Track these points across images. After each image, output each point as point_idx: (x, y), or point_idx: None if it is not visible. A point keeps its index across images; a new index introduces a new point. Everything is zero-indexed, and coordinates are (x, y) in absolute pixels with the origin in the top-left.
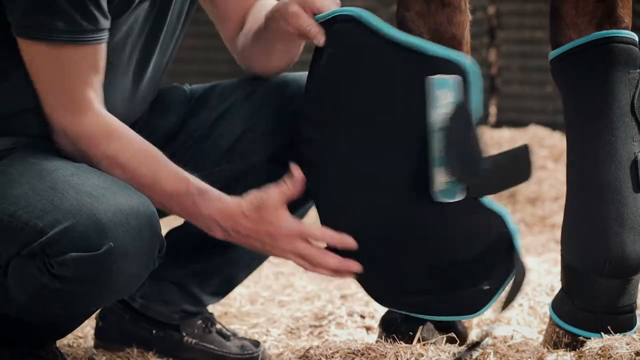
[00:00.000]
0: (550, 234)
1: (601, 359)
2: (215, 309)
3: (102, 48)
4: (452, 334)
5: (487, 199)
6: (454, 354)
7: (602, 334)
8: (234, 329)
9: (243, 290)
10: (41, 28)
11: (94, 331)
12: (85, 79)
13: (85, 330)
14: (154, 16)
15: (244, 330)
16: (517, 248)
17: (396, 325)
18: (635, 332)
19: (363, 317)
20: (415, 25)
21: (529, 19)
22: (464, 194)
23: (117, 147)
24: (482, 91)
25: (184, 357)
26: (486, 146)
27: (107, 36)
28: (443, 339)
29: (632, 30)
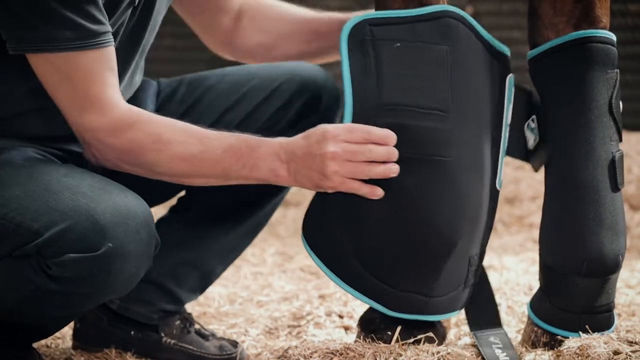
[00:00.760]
0: (528, 234)
1: (579, 358)
2: (193, 309)
3: (112, 49)
4: (431, 334)
5: None
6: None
7: (580, 333)
8: (212, 329)
9: (222, 290)
10: (50, 40)
11: (72, 332)
12: (102, 79)
13: (64, 331)
14: (137, 19)
15: (222, 331)
16: None
17: (375, 325)
18: (613, 332)
19: (341, 317)
20: None
21: (506, 19)
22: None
23: (157, 129)
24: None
25: (162, 357)
26: None
27: (112, 38)
28: (422, 338)
29: (609, 30)
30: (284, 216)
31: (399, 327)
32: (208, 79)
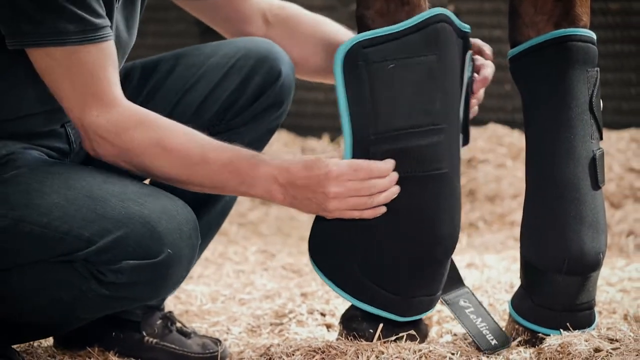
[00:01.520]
0: (510, 232)
1: (560, 355)
2: (176, 307)
3: (113, 44)
4: (413, 332)
5: None
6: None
7: (561, 330)
8: (194, 327)
9: (204, 289)
10: (53, 34)
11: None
12: (105, 74)
13: None
14: (124, 18)
15: (204, 329)
16: None
17: (356, 322)
18: (594, 329)
19: (324, 315)
20: (375, 24)
21: (487, 18)
22: None
23: (159, 132)
24: None
25: (145, 357)
26: None
27: (112, 32)
28: (404, 336)
29: (589, 29)
30: (267, 214)
31: (381, 325)
32: (162, 62)
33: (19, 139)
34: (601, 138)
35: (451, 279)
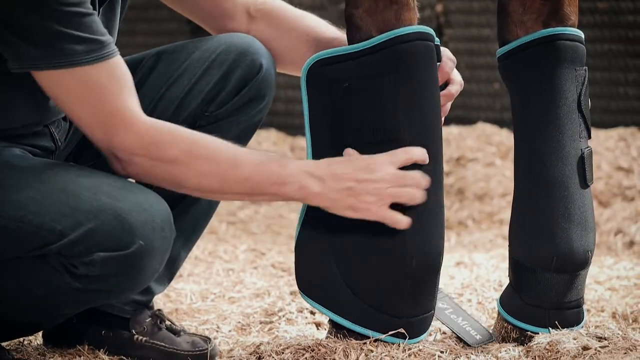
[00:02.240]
0: (498, 230)
1: (549, 353)
2: (165, 305)
3: (120, 58)
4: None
5: None
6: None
7: (550, 329)
8: (184, 325)
9: (194, 287)
10: (61, 56)
11: (42, 334)
12: (121, 91)
13: None
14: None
15: (194, 327)
16: None
17: None
18: (583, 327)
19: (313, 313)
20: (364, 23)
21: (476, 17)
22: None
23: (188, 142)
24: None
25: (134, 355)
26: None
27: (116, 48)
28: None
29: (578, 28)
30: (256, 213)
31: None
32: (145, 60)
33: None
34: (589, 137)
35: None
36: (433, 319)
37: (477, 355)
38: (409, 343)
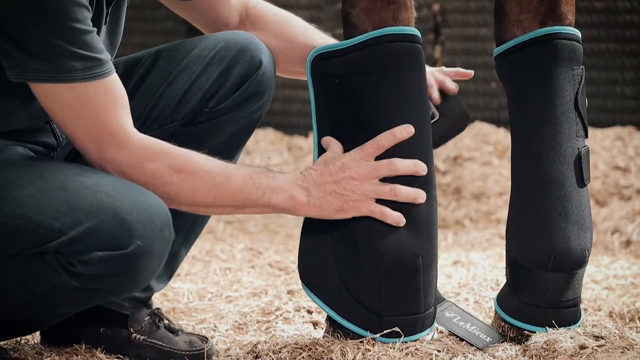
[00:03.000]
0: (495, 229)
1: (546, 352)
2: (163, 304)
3: (117, 76)
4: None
5: None
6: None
7: (547, 328)
8: (181, 324)
9: (191, 286)
10: (59, 71)
11: (40, 332)
12: (115, 109)
13: None
14: (107, 35)
15: (191, 326)
16: None
17: None
18: (580, 326)
19: (310, 312)
20: (361, 22)
21: (473, 17)
22: None
23: (179, 159)
24: None
25: (132, 353)
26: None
27: (113, 66)
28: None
29: (575, 27)
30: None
31: None
32: (144, 58)
33: (2, 137)
34: (586, 136)
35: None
36: (439, 328)
37: (474, 354)
38: (379, 340)
